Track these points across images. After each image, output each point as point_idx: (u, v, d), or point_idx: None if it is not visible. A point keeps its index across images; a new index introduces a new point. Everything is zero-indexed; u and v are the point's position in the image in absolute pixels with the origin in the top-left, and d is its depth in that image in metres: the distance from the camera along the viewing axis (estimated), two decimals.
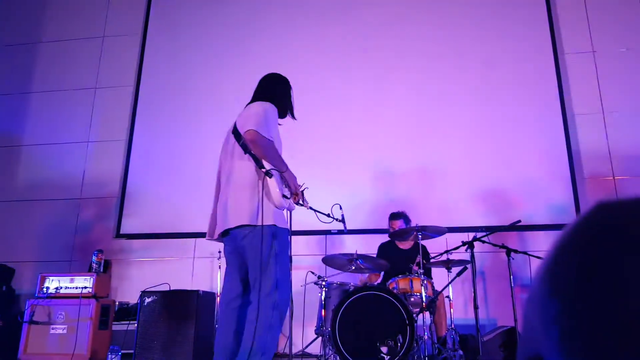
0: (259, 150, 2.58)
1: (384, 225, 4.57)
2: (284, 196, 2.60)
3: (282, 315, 2.54)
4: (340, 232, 4.55)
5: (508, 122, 5.13)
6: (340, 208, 3.44)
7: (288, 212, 2.81)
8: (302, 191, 2.87)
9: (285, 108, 2.89)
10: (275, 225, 2.57)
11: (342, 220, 3.42)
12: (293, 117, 2.96)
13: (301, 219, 4.06)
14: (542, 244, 4.62)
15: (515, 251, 3.82)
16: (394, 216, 4.44)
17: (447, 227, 3.90)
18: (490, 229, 4.17)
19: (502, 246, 3.82)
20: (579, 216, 0.43)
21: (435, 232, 3.87)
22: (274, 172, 2.58)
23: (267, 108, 2.68)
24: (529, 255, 3.90)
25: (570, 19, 5.37)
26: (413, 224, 4.06)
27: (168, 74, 5.96)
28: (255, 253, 2.53)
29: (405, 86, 5.39)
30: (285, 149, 2.82)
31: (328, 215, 3.39)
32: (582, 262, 0.38)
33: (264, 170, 2.56)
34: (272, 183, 2.55)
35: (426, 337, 3.50)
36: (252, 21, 5.92)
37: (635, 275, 0.35)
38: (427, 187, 5.04)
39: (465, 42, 5.45)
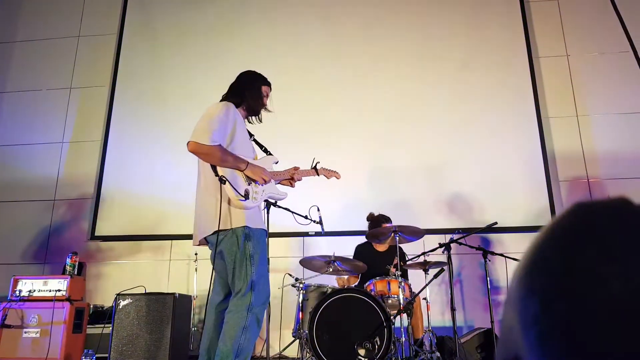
0: (205, 159, 2.64)
1: (361, 227, 4.57)
2: (246, 196, 2.58)
3: (258, 317, 2.52)
4: (317, 234, 4.55)
5: (484, 125, 5.19)
6: (318, 210, 3.44)
7: (265, 209, 2.82)
8: (315, 167, 3.00)
9: (252, 106, 2.87)
10: (247, 226, 2.56)
11: (320, 222, 3.42)
12: (259, 113, 2.92)
13: (279, 221, 4.06)
14: (518, 245, 4.68)
15: (492, 253, 3.86)
16: (372, 218, 4.43)
17: (424, 229, 3.92)
18: (466, 231, 4.21)
19: (479, 248, 3.86)
20: (557, 216, 0.43)
21: (412, 233, 3.88)
22: (228, 175, 2.58)
23: (214, 111, 2.65)
24: (505, 257, 3.94)
25: (545, 24, 5.47)
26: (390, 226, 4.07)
27: (145, 74, 5.88)
28: (230, 256, 2.56)
29: (382, 90, 5.42)
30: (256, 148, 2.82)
31: (305, 217, 3.39)
32: (561, 262, 0.38)
33: (217, 177, 2.58)
34: (227, 188, 2.56)
35: (403, 339, 3.51)
36: (230, 21, 5.88)
37: (612, 274, 0.36)
38: (404, 190, 5.07)
39: (442, 47, 5.50)
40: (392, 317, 3.41)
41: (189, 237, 5.21)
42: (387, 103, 5.36)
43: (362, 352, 3.30)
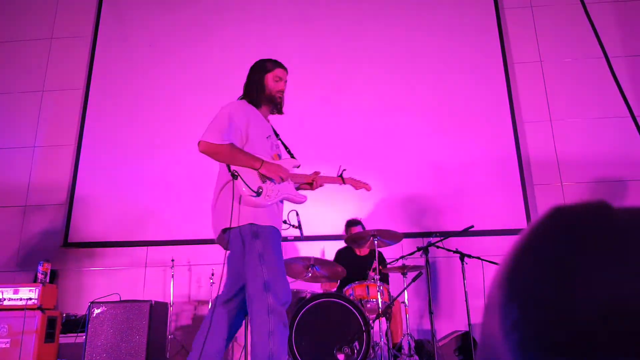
0: (216, 159, 2.57)
1: (341, 231, 4.58)
2: (258, 192, 2.50)
3: (280, 318, 2.38)
4: (296, 238, 4.52)
5: (460, 129, 5.25)
6: (297, 215, 3.42)
7: (294, 205, 2.75)
8: (342, 175, 2.91)
9: (266, 99, 2.75)
10: (253, 223, 2.47)
11: (299, 227, 3.40)
12: (278, 103, 2.78)
13: None
14: (495, 248, 4.73)
15: (469, 256, 3.89)
16: (351, 223, 4.48)
17: (403, 233, 3.93)
18: (444, 234, 4.24)
19: (456, 251, 3.88)
20: (535, 221, 0.42)
21: (391, 237, 3.89)
22: (242, 171, 2.52)
23: (225, 110, 2.61)
24: (482, 260, 3.98)
25: (519, 30, 5.56)
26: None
27: (120, 76, 5.79)
28: (238, 257, 2.48)
29: (360, 94, 5.43)
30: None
31: (284, 222, 3.36)
32: (541, 266, 0.38)
33: (230, 172, 2.53)
34: (239, 183, 2.50)
35: (382, 344, 3.51)
36: (205, 24, 5.84)
37: (593, 278, 0.35)
38: (382, 194, 5.08)
39: (419, 52, 5.54)
40: (371, 322, 3.41)
41: (165, 243, 5.20)
42: (365, 107, 5.38)
43: (341, 357, 3.29)
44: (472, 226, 3.91)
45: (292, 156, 2.88)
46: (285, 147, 2.91)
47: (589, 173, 4.98)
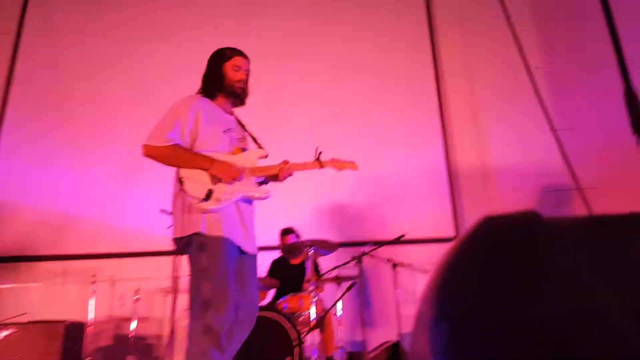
0: (161, 162, 2.37)
1: (275, 242, 4.50)
2: (207, 196, 2.28)
3: (217, 338, 2.15)
4: None
5: (391, 139, 5.32)
6: None
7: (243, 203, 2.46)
8: (319, 158, 2.66)
9: (225, 91, 2.55)
10: (199, 233, 2.25)
11: None
12: (239, 94, 2.57)
13: None
14: (426, 257, 4.79)
15: (400, 265, 3.93)
16: (285, 232, 4.44)
17: (338, 243, 3.90)
18: (377, 244, 4.24)
19: (388, 260, 3.92)
20: (466, 233, 0.39)
21: (327, 247, 3.85)
22: (189, 175, 2.33)
23: (170, 109, 2.42)
24: (414, 268, 4.03)
25: (449, 43, 5.72)
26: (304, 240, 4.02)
27: (44, 78, 5.47)
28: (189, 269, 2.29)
29: (295, 105, 5.40)
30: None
31: None
32: (470, 282, 0.36)
33: (178, 178, 2.34)
34: (185, 189, 2.30)
35: (315, 358, 3.44)
36: (136, 26, 5.62)
37: (522, 296, 0.34)
38: (317, 203, 5.06)
39: (354, 65, 5.58)
40: (303, 335, 3.33)
41: (85, 256, 4.89)
42: (299, 118, 5.34)
43: None
44: (403, 235, 3.95)
45: (260, 147, 2.68)
46: (254, 139, 2.71)
47: (516, 183, 5.16)
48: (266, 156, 2.64)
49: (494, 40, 5.51)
